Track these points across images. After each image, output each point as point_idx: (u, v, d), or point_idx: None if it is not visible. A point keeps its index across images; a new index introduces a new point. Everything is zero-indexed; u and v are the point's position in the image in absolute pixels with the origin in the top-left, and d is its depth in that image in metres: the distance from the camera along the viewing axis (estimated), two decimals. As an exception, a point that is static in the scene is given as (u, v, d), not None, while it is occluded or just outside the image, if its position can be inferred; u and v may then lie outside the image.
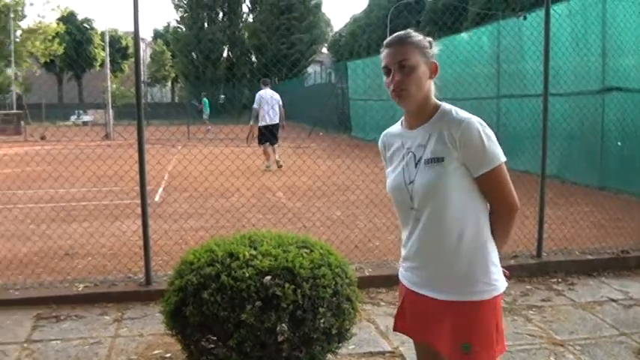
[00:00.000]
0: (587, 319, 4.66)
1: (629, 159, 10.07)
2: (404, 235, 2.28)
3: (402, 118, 2.29)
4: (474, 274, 2.11)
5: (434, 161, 2.08)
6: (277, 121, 14.26)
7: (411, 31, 2.16)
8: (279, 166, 13.67)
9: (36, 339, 4.28)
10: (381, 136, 2.38)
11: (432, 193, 2.09)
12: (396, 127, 2.31)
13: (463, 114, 2.11)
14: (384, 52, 2.15)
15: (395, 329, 2.39)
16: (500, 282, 2.16)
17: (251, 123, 14.28)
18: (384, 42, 2.17)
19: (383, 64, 2.14)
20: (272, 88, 15.03)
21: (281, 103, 14.48)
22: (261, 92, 14.29)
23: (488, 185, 2.11)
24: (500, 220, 2.17)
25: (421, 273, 2.21)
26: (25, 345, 4.18)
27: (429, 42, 2.16)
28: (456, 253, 2.11)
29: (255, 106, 14.19)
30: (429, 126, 2.14)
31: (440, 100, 2.20)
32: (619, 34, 9.97)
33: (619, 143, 10.26)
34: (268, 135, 13.79)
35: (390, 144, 2.30)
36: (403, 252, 2.31)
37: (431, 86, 2.16)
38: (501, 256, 2.25)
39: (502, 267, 2.24)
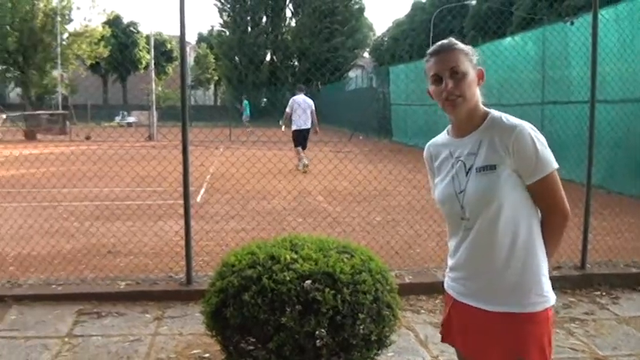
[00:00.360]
0: (630, 334, 4.53)
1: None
2: (451, 244, 2.24)
3: (448, 127, 2.25)
4: (525, 285, 2.06)
5: (486, 169, 2.04)
6: (309, 126, 14.71)
7: (453, 39, 2.14)
8: (299, 169, 13.99)
9: (77, 334, 4.37)
10: (427, 146, 2.34)
11: (484, 201, 2.05)
12: (442, 137, 2.28)
13: (514, 120, 2.07)
14: (431, 61, 2.11)
15: (443, 340, 2.35)
16: (551, 293, 2.11)
17: (280, 123, 15.15)
18: (430, 51, 2.14)
19: (432, 72, 2.10)
20: (312, 93, 15.41)
21: (314, 108, 14.93)
22: (295, 97, 14.86)
23: (541, 192, 2.07)
24: (552, 227, 2.13)
25: (470, 284, 2.16)
26: (66, 339, 4.27)
27: (471, 49, 2.14)
28: (508, 263, 2.06)
29: (287, 110, 14.78)
30: (479, 133, 2.10)
31: (484, 106, 2.17)
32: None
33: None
34: (300, 137, 14.43)
35: (437, 154, 2.26)
36: (450, 262, 2.26)
37: (478, 93, 2.13)
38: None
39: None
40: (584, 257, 5.80)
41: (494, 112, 2.13)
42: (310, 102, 14.95)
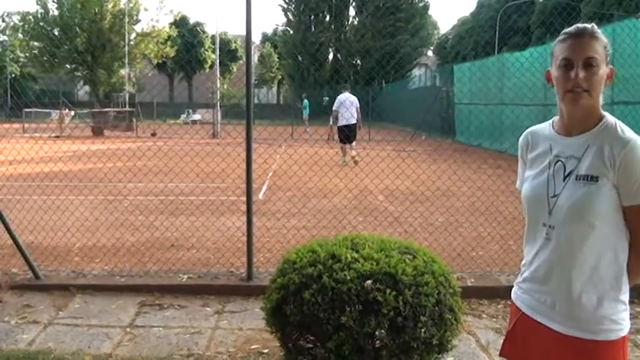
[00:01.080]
0: (701, 347, 4.30)
1: None
2: (528, 252, 2.09)
3: (554, 119, 2.08)
4: (602, 310, 1.91)
5: (587, 179, 1.88)
6: (354, 122, 15.57)
7: (595, 26, 1.93)
8: (356, 162, 14.37)
9: (138, 324, 4.46)
10: (526, 132, 2.17)
11: (577, 214, 1.89)
12: (545, 128, 2.09)
13: (630, 133, 1.89)
14: (566, 43, 1.92)
15: (501, 354, 2.20)
16: (626, 321, 1.95)
17: (331, 124, 16.14)
18: (567, 31, 1.94)
19: (564, 56, 1.91)
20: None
21: (358, 105, 15.97)
22: (340, 96, 15.82)
23: (636, 219, 1.89)
24: (637, 258, 1.95)
25: (544, 298, 2.02)
26: (128, 329, 4.36)
27: (608, 44, 1.95)
28: (588, 284, 1.92)
29: (334, 108, 15.81)
30: (588, 137, 1.93)
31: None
32: None
33: None
34: (346, 133, 15.32)
35: (535, 144, 2.09)
36: (525, 272, 2.11)
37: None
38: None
39: None
40: (654, 265, 5.53)
41: (610, 118, 1.95)
42: (354, 99, 15.83)
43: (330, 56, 56.25)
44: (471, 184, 7.93)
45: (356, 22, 55.93)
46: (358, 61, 55.48)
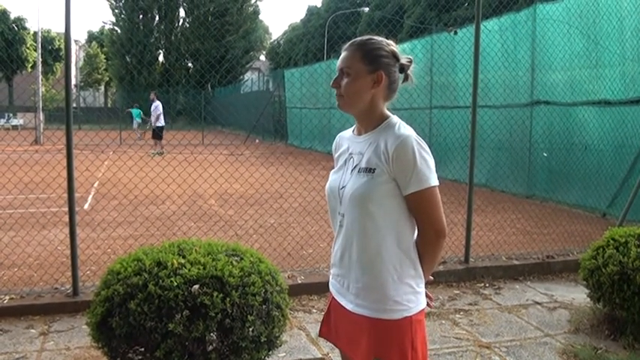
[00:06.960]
0: (512, 321, 4.82)
1: (555, 169, 10.48)
2: (334, 241, 2.30)
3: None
4: (384, 291, 2.09)
5: (366, 171, 2.08)
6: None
7: (372, 38, 2.15)
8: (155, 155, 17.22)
9: (-44, 355, 4.11)
10: (337, 137, 2.40)
11: (356, 201, 2.08)
12: (349, 131, 2.33)
13: (404, 130, 2.09)
14: (341, 53, 2.19)
15: (320, 334, 2.40)
16: (413, 303, 2.12)
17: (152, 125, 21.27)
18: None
19: (337, 64, 2.20)
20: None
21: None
22: (157, 103, 20.73)
23: (416, 206, 2.09)
24: (426, 244, 2.14)
25: (342, 281, 2.22)
26: (-53, 363, 4.01)
27: (389, 51, 2.13)
28: (372, 266, 2.10)
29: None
30: (372, 135, 2.15)
31: (388, 111, 2.20)
32: (547, 51, 10.36)
33: (545, 154, 10.66)
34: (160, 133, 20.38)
35: (340, 146, 2.34)
36: (331, 259, 2.33)
37: (377, 96, 2.13)
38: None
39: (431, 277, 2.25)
40: (467, 252, 6.13)
41: (393, 119, 2.16)
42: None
43: (161, 58, 54.89)
44: (298, 185, 8.18)
45: (187, 25, 54.98)
46: (190, 64, 54.67)
